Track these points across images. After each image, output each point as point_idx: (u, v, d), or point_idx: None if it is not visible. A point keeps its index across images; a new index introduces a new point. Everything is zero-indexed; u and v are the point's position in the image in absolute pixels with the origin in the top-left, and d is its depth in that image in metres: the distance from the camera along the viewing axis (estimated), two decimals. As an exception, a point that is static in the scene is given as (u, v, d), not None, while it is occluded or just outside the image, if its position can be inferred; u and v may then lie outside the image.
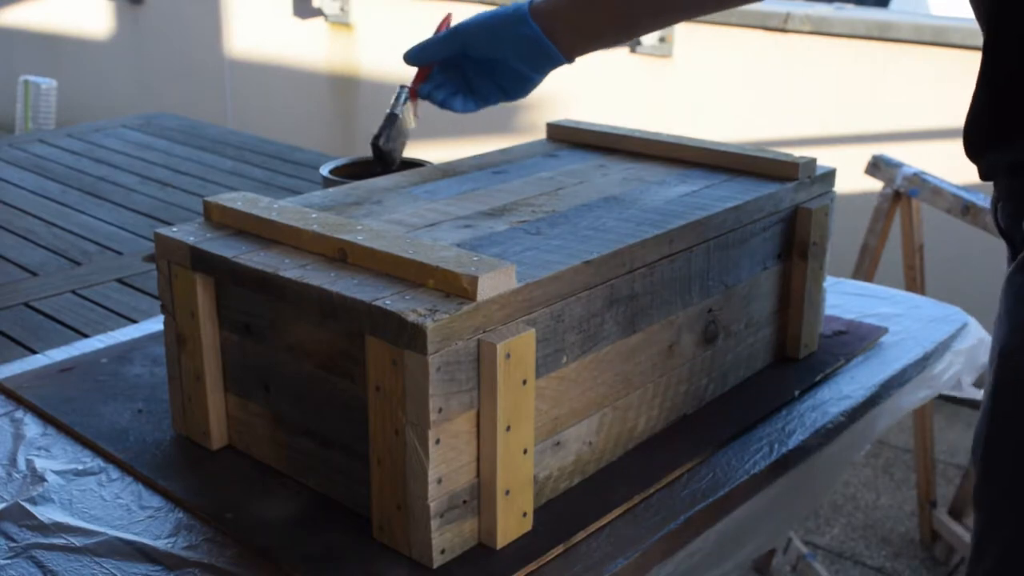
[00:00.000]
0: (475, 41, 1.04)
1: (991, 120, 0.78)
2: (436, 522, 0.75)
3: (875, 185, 2.10)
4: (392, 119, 1.10)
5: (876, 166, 2.03)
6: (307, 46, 4.46)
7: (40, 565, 0.77)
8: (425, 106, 1.11)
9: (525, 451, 0.78)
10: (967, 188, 1.87)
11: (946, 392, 1.20)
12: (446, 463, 0.74)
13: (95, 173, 1.95)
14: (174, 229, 0.89)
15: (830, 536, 2.30)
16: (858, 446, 1.12)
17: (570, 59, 1.05)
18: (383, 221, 0.91)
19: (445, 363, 0.71)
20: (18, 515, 0.83)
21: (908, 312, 1.25)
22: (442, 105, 1.08)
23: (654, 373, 0.92)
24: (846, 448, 1.09)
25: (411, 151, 1.14)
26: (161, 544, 0.80)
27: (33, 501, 0.85)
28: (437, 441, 0.73)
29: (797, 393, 1.05)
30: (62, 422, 0.97)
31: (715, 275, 0.96)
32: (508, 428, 0.75)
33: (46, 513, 0.84)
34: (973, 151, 0.80)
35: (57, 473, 0.89)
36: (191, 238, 0.87)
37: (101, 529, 0.82)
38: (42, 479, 0.88)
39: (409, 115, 1.11)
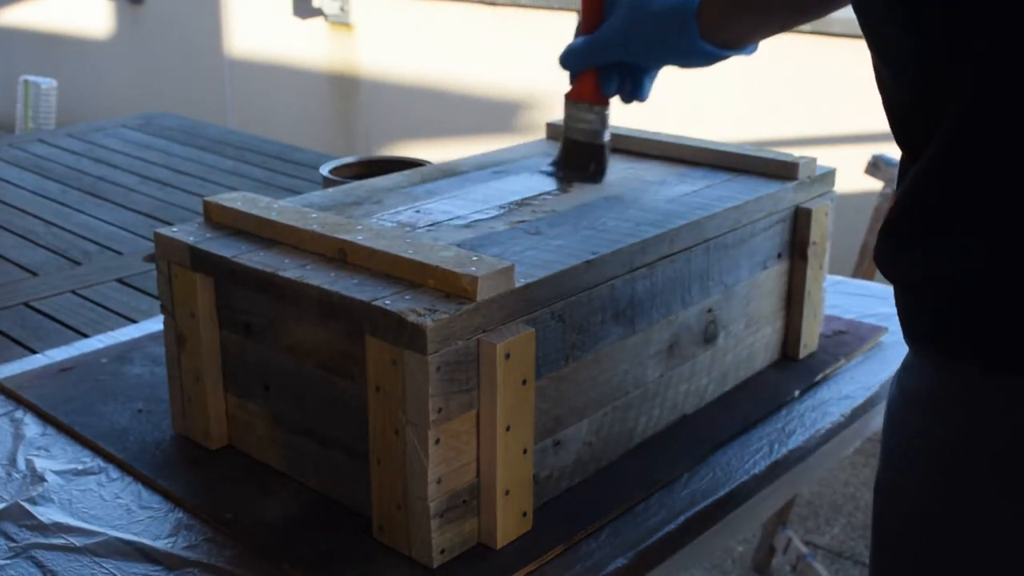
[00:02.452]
0: (641, 50, 0.95)
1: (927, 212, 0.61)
2: (436, 522, 0.75)
3: (875, 185, 2.10)
4: (601, 152, 1.02)
5: (876, 166, 2.03)
6: (307, 46, 4.46)
7: (40, 565, 0.77)
8: (420, 105, 1.08)
9: (525, 451, 0.78)
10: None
11: None
12: (446, 463, 0.74)
13: (95, 173, 1.95)
14: (174, 229, 0.89)
15: (830, 536, 2.29)
16: (852, 444, 1.12)
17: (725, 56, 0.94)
18: (383, 221, 0.91)
19: (445, 363, 0.71)
20: (18, 515, 0.83)
21: (908, 312, 1.25)
22: (641, 99, 1.00)
23: (654, 373, 0.92)
24: (844, 446, 1.09)
25: (411, 151, 1.13)
26: (161, 544, 0.80)
27: (33, 501, 0.85)
28: (437, 441, 0.73)
29: (797, 393, 1.05)
30: (62, 422, 0.97)
31: (715, 275, 0.96)
32: (508, 428, 0.75)
33: (46, 513, 0.84)
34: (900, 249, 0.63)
35: (57, 473, 0.89)
36: (191, 238, 0.87)
37: (101, 529, 0.82)
38: (42, 479, 0.88)
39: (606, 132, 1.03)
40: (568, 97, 1.02)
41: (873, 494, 0.71)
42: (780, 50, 3.17)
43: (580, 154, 1.03)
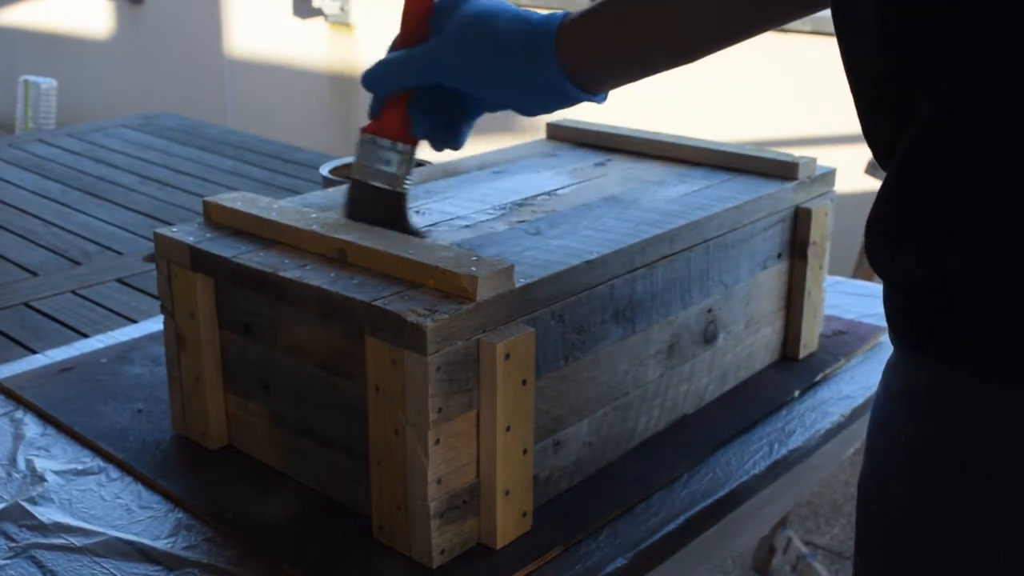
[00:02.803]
0: (475, 76, 0.79)
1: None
2: (436, 522, 0.75)
3: (875, 185, 2.10)
4: (400, 203, 0.83)
5: (876, 166, 2.04)
6: (307, 46, 4.46)
7: (40, 565, 0.77)
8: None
9: (525, 451, 0.78)
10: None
11: None
12: (446, 463, 0.74)
13: (95, 173, 1.95)
14: (174, 229, 0.89)
15: (830, 536, 2.29)
16: (852, 444, 1.12)
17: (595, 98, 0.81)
18: (383, 221, 0.91)
19: (445, 363, 0.71)
20: (18, 515, 0.83)
21: (908, 312, 1.25)
22: (455, 147, 0.84)
23: (654, 373, 0.92)
24: (844, 446, 1.09)
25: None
26: (161, 544, 0.80)
27: (33, 501, 0.85)
28: (437, 441, 0.73)
29: (797, 393, 1.05)
30: (62, 422, 0.97)
31: (715, 275, 0.96)
32: (508, 428, 0.75)
33: (46, 513, 0.84)
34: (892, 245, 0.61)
35: (57, 473, 0.89)
36: (191, 238, 0.87)
37: (101, 529, 0.82)
38: (42, 479, 0.88)
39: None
40: (365, 131, 0.84)
41: (857, 495, 0.70)
42: (780, 50, 3.18)
43: (372, 203, 0.83)
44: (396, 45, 0.83)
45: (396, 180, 0.80)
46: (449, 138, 0.84)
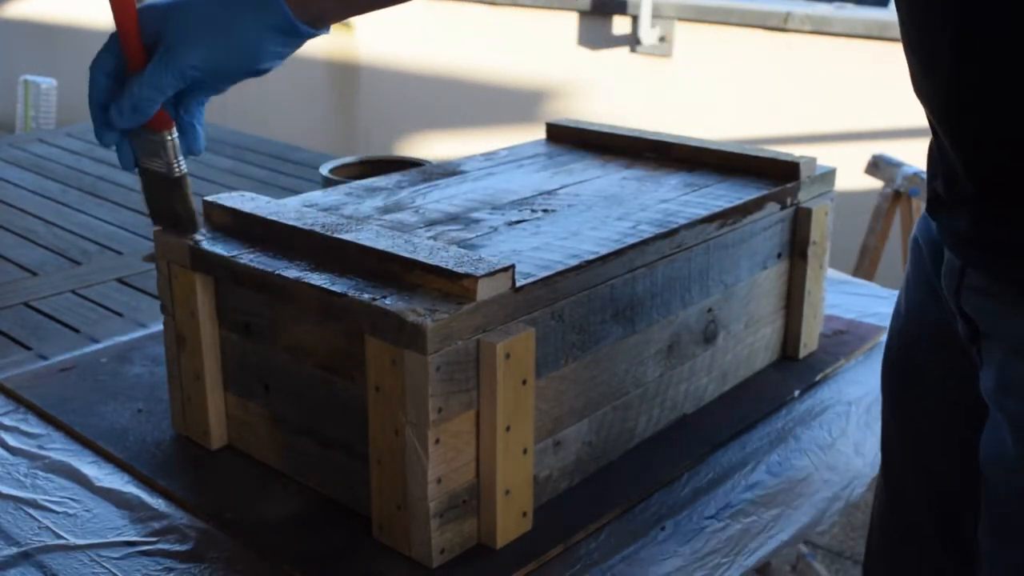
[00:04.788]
0: (219, 67, 0.79)
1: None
2: (436, 522, 0.75)
3: (875, 185, 2.10)
4: (180, 183, 0.84)
5: (876, 165, 2.04)
6: (307, 45, 4.45)
7: (40, 565, 0.77)
8: (419, 102, 1.02)
9: (525, 451, 0.78)
10: (967, 188, 1.86)
11: None
12: (446, 463, 0.74)
13: (95, 173, 1.95)
14: (174, 229, 0.89)
15: (830, 536, 2.30)
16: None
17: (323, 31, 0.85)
18: (383, 221, 0.91)
19: (445, 363, 0.71)
20: (18, 516, 0.83)
21: (908, 312, 1.25)
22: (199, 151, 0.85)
23: (654, 373, 0.92)
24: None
25: (409, 146, 1.13)
26: (161, 544, 0.80)
27: (33, 501, 0.85)
28: (437, 441, 0.73)
29: (797, 393, 1.05)
30: (62, 422, 0.97)
31: (715, 275, 0.96)
32: (508, 428, 0.75)
33: (46, 513, 0.84)
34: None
35: (57, 473, 0.89)
36: (191, 238, 0.87)
37: (101, 529, 0.82)
38: (42, 479, 0.88)
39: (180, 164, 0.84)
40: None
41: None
42: (780, 50, 3.18)
43: (159, 188, 0.86)
44: (125, 69, 0.80)
45: (169, 167, 0.83)
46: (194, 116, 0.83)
